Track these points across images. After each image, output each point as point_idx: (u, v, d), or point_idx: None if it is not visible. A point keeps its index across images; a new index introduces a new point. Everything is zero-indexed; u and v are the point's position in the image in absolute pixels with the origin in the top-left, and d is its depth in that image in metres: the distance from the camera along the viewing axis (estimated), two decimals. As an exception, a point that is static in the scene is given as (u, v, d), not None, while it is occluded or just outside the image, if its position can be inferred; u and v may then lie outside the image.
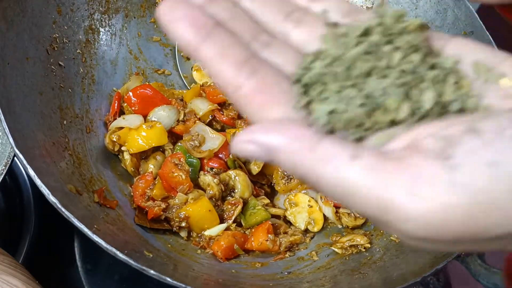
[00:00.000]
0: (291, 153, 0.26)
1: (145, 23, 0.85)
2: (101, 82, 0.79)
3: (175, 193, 0.71)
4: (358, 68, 0.28)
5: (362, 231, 0.73)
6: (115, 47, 0.82)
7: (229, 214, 0.73)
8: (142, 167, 0.75)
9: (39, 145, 0.62)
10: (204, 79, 0.85)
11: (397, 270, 0.62)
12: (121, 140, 0.73)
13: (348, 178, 0.25)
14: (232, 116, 0.80)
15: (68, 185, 0.62)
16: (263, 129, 0.27)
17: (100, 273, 0.82)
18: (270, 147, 0.27)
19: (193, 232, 0.72)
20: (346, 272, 0.65)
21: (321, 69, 0.29)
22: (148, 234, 0.68)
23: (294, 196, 0.75)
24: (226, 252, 0.69)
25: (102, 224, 0.61)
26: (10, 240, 0.78)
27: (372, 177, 0.25)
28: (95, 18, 0.78)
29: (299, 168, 0.27)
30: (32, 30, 0.67)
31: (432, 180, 0.24)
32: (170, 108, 0.78)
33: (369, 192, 0.25)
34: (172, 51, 0.87)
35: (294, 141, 0.27)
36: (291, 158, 0.27)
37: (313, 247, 0.73)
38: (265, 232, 0.71)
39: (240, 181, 0.74)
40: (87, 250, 0.83)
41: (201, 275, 0.63)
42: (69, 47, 0.74)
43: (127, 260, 0.54)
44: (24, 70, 0.64)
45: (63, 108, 0.71)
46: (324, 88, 0.29)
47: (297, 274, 0.67)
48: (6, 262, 0.62)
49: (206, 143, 0.76)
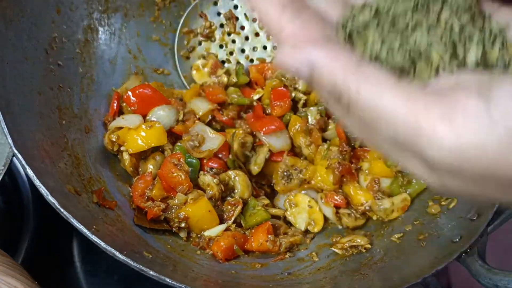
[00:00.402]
0: (333, 70, 0.27)
1: (145, 22, 0.85)
2: (100, 82, 0.78)
3: (175, 193, 0.71)
4: (405, 21, 0.29)
5: (362, 232, 0.73)
6: (114, 46, 0.81)
7: (229, 214, 0.73)
8: (141, 167, 0.75)
9: (38, 145, 0.62)
10: (204, 78, 0.85)
11: (397, 271, 0.62)
12: (120, 140, 0.73)
13: (389, 103, 0.26)
14: (232, 116, 0.80)
15: (67, 185, 0.62)
16: (309, 46, 0.28)
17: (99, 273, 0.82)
18: (314, 63, 0.27)
19: (193, 232, 0.72)
20: (346, 273, 0.65)
21: (367, 18, 0.30)
22: (148, 235, 0.68)
23: (294, 197, 0.75)
24: (225, 253, 0.68)
25: (101, 225, 0.61)
26: (9, 241, 0.78)
27: (413, 103, 0.26)
28: (94, 18, 0.78)
29: (339, 87, 0.27)
30: (31, 30, 0.67)
31: (471, 113, 0.25)
32: (169, 108, 0.77)
33: (406, 116, 0.26)
34: (172, 51, 0.87)
35: (339, 59, 0.27)
36: (333, 75, 0.27)
37: (313, 248, 0.73)
38: (265, 233, 0.71)
39: (240, 181, 0.74)
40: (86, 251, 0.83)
41: (200, 276, 0.63)
42: (68, 47, 0.74)
43: (126, 261, 0.54)
44: (23, 70, 0.64)
45: (62, 108, 0.70)
46: (369, 36, 0.29)
47: (297, 275, 0.67)
48: (5, 262, 0.62)
49: (205, 143, 0.76)
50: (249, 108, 0.82)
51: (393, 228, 0.71)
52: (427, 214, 0.69)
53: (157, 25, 0.86)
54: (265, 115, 0.81)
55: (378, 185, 0.73)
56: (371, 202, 0.72)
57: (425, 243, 0.65)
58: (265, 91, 0.82)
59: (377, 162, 0.74)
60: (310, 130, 0.77)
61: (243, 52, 0.88)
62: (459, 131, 0.25)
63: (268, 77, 0.84)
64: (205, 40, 0.87)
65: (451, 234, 0.63)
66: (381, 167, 0.73)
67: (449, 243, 0.62)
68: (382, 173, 0.74)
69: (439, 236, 0.64)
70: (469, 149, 0.25)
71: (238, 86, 0.84)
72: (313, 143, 0.77)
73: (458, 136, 0.25)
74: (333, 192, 0.74)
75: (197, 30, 0.87)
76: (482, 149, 0.25)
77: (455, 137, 0.25)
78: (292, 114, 0.79)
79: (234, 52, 0.88)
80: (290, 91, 0.81)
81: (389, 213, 0.72)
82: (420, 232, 0.67)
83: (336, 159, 0.74)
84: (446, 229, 0.64)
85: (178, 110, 0.78)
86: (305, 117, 0.78)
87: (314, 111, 0.78)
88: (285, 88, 0.81)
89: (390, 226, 0.72)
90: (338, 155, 0.74)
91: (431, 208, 0.68)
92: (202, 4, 0.86)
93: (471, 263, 0.59)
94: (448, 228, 0.65)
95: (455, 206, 0.67)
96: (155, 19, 0.85)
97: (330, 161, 0.74)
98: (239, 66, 0.85)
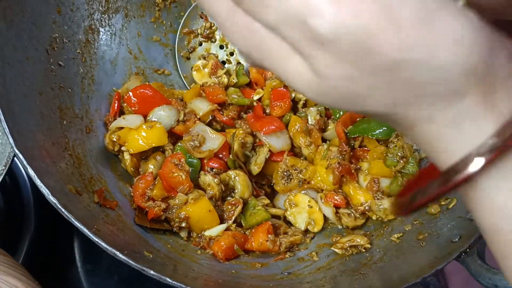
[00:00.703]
0: None
1: (145, 23, 0.85)
2: (101, 82, 0.79)
3: (175, 193, 0.71)
4: None
5: (362, 232, 0.73)
6: (115, 47, 0.82)
7: (229, 214, 0.73)
8: (142, 167, 0.75)
9: (39, 145, 0.62)
10: (204, 79, 0.85)
11: (397, 270, 0.62)
12: (121, 140, 0.73)
13: None
14: (232, 116, 0.80)
15: (68, 185, 0.62)
16: None
17: (100, 273, 0.82)
18: None
19: (193, 232, 0.72)
20: (346, 273, 0.65)
21: None
22: (148, 235, 0.68)
23: (294, 197, 0.75)
24: (226, 253, 0.69)
25: (102, 225, 0.61)
26: (10, 240, 0.78)
27: None
28: (95, 18, 0.78)
29: None
30: (32, 30, 0.67)
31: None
32: (170, 108, 0.78)
33: None
34: (172, 51, 0.87)
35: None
36: None
37: (313, 248, 0.73)
38: (265, 233, 0.71)
39: (240, 181, 0.74)
40: (87, 250, 0.83)
41: (201, 276, 0.63)
42: (69, 47, 0.74)
43: (127, 261, 0.54)
44: (24, 70, 0.64)
45: (62, 108, 0.70)
46: None
47: (297, 274, 0.67)
48: (6, 262, 0.62)
49: (206, 143, 0.76)
50: (249, 109, 0.82)
51: (393, 228, 0.71)
52: (427, 214, 0.69)
53: (157, 25, 0.86)
54: (265, 115, 0.81)
55: (377, 185, 0.73)
56: (371, 202, 0.73)
57: (424, 243, 0.65)
58: (265, 92, 0.82)
59: (377, 162, 0.74)
60: (310, 130, 0.77)
61: (243, 53, 0.88)
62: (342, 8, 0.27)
63: (268, 78, 0.84)
64: (206, 41, 0.87)
65: (450, 234, 0.63)
66: (381, 167, 0.74)
67: (448, 243, 0.62)
68: (382, 173, 0.74)
69: (438, 236, 0.64)
70: (349, 25, 0.27)
71: (238, 87, 0.84)
72: (313, 143, 0.77)
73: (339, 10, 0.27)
74: (333, 192, 0.74)
75: (198, 30, 0.87)
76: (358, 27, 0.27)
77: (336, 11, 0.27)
78: (292, 115, 0.80)
79: (235, 52, 0.88)
80: (290, 92, 0.81)
81: (389, 213, 0.72)
82: (420, 232, 0.67)
83: (335, 159, 0.74)
84: (446, 229, 0.65)
85: (178, 111, 0.78)
86: (305, 118, 0.78)
87: (314, 111, 0.79)
88: (285, 88, 0.81)
89: (390, 226, 0.72)
90: (337, 155, 0.74)
91: (431, 208, 0.69)
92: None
93: (470, 263, 0.59)
94: (448, 228, 0.65)
95: (454, 206, 0.67)
96: (155, 19, 0.85)
97: (329, 161, 0.74)
98: (239, 66, 0.85)
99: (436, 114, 0.30)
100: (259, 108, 0.81)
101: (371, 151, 0.76)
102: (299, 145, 0.78)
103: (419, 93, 0.29)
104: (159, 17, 0.86)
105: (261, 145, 0.78)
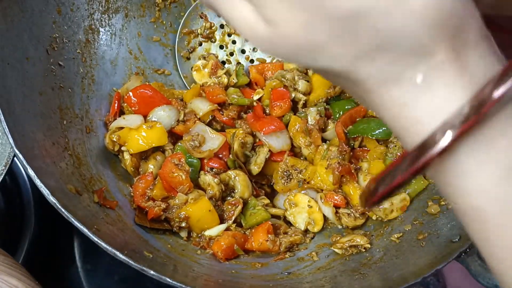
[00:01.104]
0: None
1: (145, 23, 0.85)
2: (101, 82, 0.79)
3: (175, 193, 0.71)
4: None
5: (362, 232, 0.73)
6: (115, 47, 0.82)
7: (229, 214, 0.73)
8: (142, 167, 0.75)
9: (39, 145, 0.62)
10: (204, 79, 0.85)
11: (397, 270, 0.62)
12: (121, 140, 0.73)
13: None
14: (232, 116, 0.80)
15: (68, 185, 0.62)
16: None
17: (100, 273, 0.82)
18: None
19: (193, 232, 0.72)
20: (346, 273, 0.65)
21: None
22: (148, 235, 0.68)
23: (294, 197, 0.75)
24: (226, 253, 0.69)
25: (102, 225, 0.61)
26: (10, 240, 0.78)
27: None
28: (95, 18, 0.78)
29: None
30: (32, 30, 0.67)
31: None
32: (170, 108, 0.78)
33: None
34: (172, 51, 0.87)
35: None
36: None
37: (313, 248, 0.73)
38: (265, 232, 0.71)
39: (240, 181, 0.74)
40: (87, 250, 0.83)
41: (201, 276, 0.63)
42: (69, 47, 0.74)
43: (127, 261, 0.54)
44: (24, 70, 0.64)
45: (63, 108, 0.71)
46: None
47: (297, 274, 0.67)
48: (6, 262, 0.62)
49: (206, 143, 0.76)
50: (249, 109, 0.82)
51: (393, 228, 0.71)
52: (427, 214, 0.69)
53: (157, 25, 0.86)
54: (265, 116, 0.81)
55: (377, 185, 0.73)
56: (371, 202, 0.73)
57: (424, 243, 0.65)
58: (265, 92, 0.82)
59: (377, 162, 0.74)
60: (309, 130, 0.77)
61: (243, 53, 0.88)
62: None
63: (268, 78, 0.84)
64: (206, 41, 0.88)
65: (450, 234, 0.63)
66: (381, 167, 0.74)
67: (448, 243, 0.62)
68: (382, 173, 0.74)
69: (438, 236, 0.64)
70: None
71: (238, 87, 0.84)
72: (312, 143, 0.77)
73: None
74: (333, 192, 0.74)
75: (198, 30, 0.87)
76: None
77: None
78: (292, 115, 0.80)
79: (234, 52, 0.88)
80: (290, 92, 0.81)
81: (389, 213, 0.72)
82: (420, 232, 0.67)
83: (335, 159, 0.74)
84: (446, 229, 0.65)
85: (178, 110, 0.78)
86: (305, 118, 0.79)
87: (314, 111, 0.79)
88: (285, 88, 0.81)
89: (390, 226, 0.72)
90: (337, 155, 0.74)
91: (431, 208, 0.69)
92: (202, 5, 0.86)
93: (470, 262, 0.59)
94: (448, 228, 0.65)
95: (454, 206, 0.67)
96: (155, 19, 0.85)
97: (329, 161, 0.74)
98: (239, 66, 0.85)
99: (402, 74, 0.27)
100: (259, 108, 0.81)
101: (371, 151, 0.76)
102: (299, 145, 0.78)
103: (382, 45, 0.26)
104: (159, 17, 0.86)
105: (261, 145, 0.78)
